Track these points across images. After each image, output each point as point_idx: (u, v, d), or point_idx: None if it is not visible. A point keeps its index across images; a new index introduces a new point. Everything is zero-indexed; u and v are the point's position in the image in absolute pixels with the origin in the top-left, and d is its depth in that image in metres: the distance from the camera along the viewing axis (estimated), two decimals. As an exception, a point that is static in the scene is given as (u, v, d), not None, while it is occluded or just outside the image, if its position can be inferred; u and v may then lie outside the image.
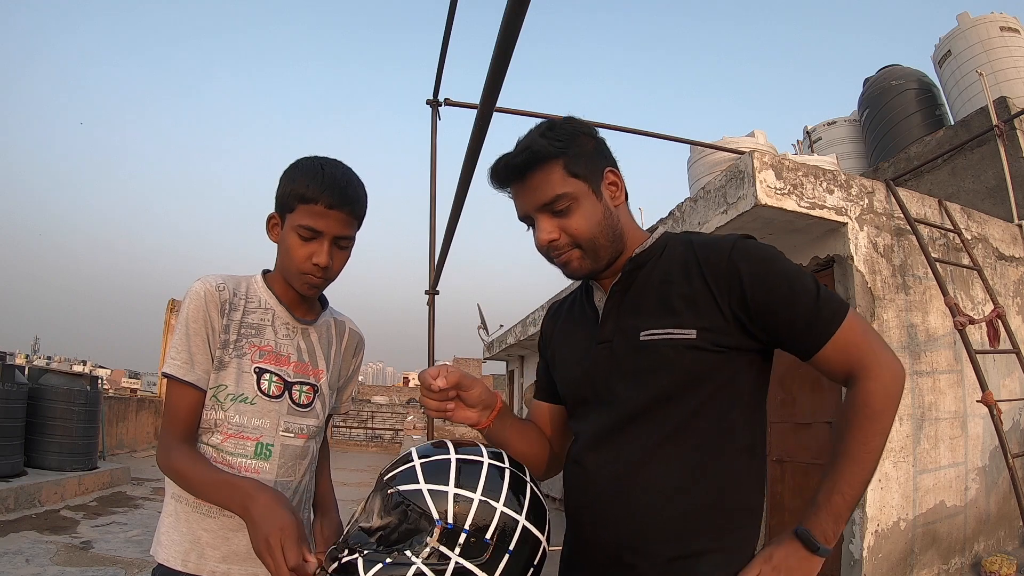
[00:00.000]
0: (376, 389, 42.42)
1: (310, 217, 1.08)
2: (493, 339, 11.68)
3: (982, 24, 6.00)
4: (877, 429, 0.86)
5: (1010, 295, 4.06)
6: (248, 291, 1.17)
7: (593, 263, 0.98)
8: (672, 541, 0.88)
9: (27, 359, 29.35)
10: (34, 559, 4.11)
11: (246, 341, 1.13)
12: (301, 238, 1.09)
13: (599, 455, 0.95)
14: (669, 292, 0.94)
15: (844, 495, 0.85)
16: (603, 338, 0.98)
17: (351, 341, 1.31)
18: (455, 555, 0.81)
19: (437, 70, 3.84)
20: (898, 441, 3.29)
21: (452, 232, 3.57)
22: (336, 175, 1.10)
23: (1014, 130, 4.84)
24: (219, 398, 1.10)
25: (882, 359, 0.88)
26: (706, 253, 0.94)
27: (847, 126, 7.63)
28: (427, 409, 0.98)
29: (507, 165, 0.98)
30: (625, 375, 0.94)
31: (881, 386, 0.87)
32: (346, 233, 1.12)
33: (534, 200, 0.96)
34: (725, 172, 3.56)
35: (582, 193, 0.96)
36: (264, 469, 1.10)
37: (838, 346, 0.88)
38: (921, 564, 3.28)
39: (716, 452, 0.91)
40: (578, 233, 0.95)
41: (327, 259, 1.09)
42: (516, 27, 1.53)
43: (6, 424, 5.67)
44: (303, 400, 1.16)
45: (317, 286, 1.14)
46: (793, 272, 0.91)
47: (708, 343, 0.90)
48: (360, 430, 20.08)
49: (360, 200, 1.13)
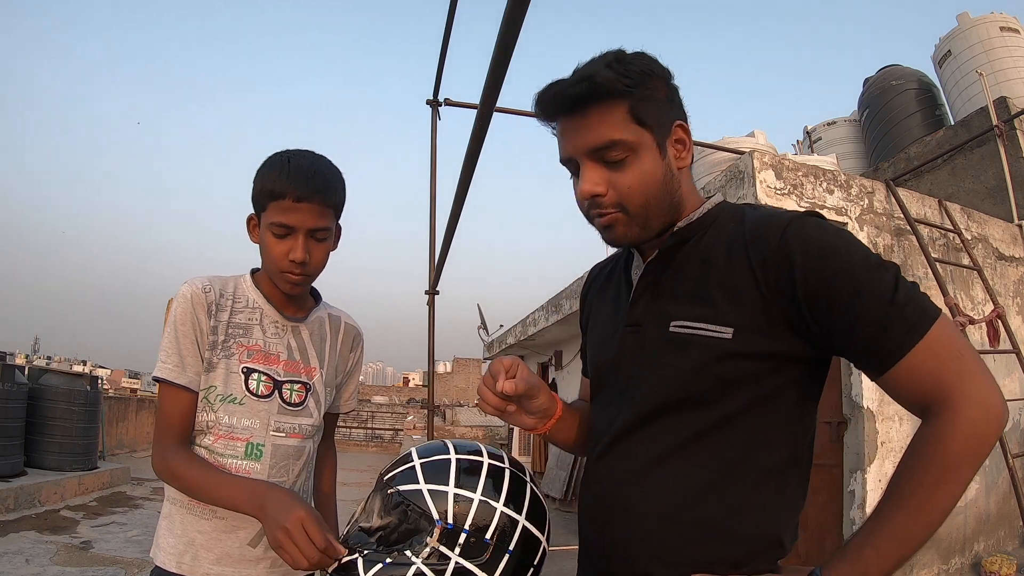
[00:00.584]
0: (376, 389, 42.41)
1: (280, 213, 1.04)
2: (493, 339, 11.68)
3: (982, 24, 6.00)
4: (950, 479, 0.65)
5: (1010, 295, 4.06)
6: (236, 291, 1.15)
7: (641, 231, 0.82)
8: (667, 562, 0.76)
9: (27, 359, 29.33)
10: (34, 559, 4.11)
11: (234, 341, 1.11)
12: (275, 236, 1.06)
13: (608, 454, 0.84)
14: (709, 277, 0.78)
15: (880, 551, 0.66)
16: (632, 321, 0.85)
17: (347, 336, 1.27)
18: (455, 555, 0.81)
19: (437, 70, 3.84)
20: (898, 441, 3.29)
21: (452, 232, 3.57)
22: (302, 166, 1.06)
23: (1014, 130, 4.84)
24: (209, 399, 1.09)
25: (973, 389, 0.66)
26: (757, 230, 0.76)
27: (847, 126, 7.63)
28: (483, 402, 0.87)
29: (559, 94, 0.80)
30: (648, 368, 0.81)
31: (967, 425, 0.65)
32: (320, 225, 1.07)
33: (585, 141, 0.79)
34: (725, 172, 3.56)
35: (644, 145, 0.79)
36: (255, 470, 1.09)
37: (916, 365, 0.68)
38: (921, 564, 3.28)
39: (738, 471, 0.76)
40: (630, 192, 0.79)
41: (303, 254, 1.06)
42: (516, 27, 1.53)
43: (6, 424, 5.67)
44: (294, 399, 1.14)
45: (299, 283, 1.11)
46: (864, 262, 0.71)
47: (747, 346, 0.74)
48: (360, 430, 20.09)
49: (331, 187, 1.08)
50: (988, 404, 0.66)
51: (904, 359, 0.68)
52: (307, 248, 1.07)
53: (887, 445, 3.23)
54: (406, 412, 22.08)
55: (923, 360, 0.68)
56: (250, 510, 0.97)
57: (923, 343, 0.68)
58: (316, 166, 1.07)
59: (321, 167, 1.08)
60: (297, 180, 1.04)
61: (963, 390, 0.66)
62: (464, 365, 39.52)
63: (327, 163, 1.11)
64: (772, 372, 0.76)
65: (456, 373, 39.63)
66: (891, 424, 3.27)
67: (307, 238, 1.07)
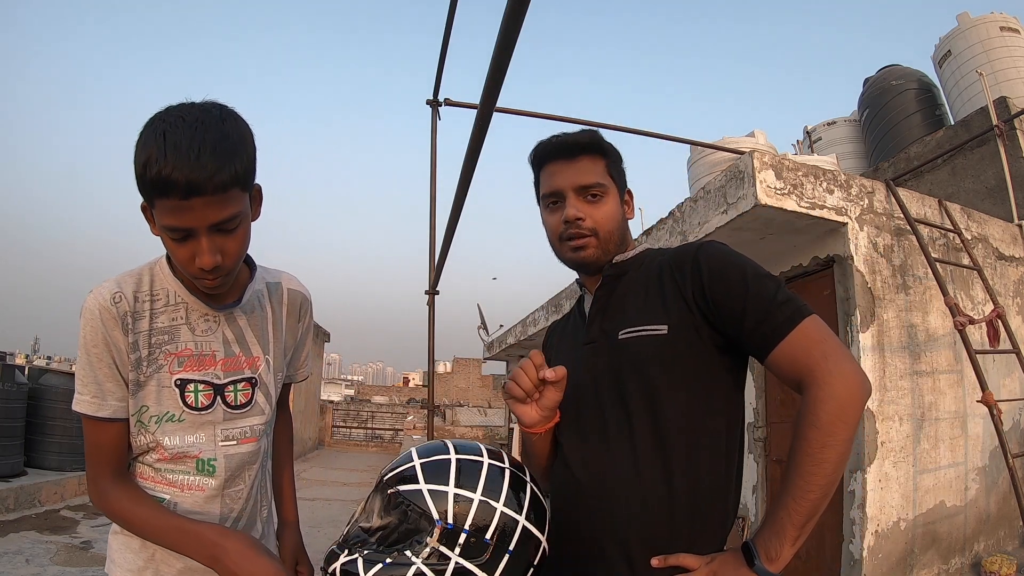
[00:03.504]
0: (376, 389, 42.39)
1: (170, 215, 0.84)
2: (493, 339, 11.68)
3: (982, 24, 6.01)
4: (826, 442, 0.80)
5: (1010, 295, 4.06)
6: (153, 286, 0.99)
7: (603, 254, 1.06)
8: (646, 538, 0.90)
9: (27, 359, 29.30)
10: (34, 559, 4.11)
11: (160, 351, 0.96)
12: (173, 240, 0.88)
13: (580, 451, 0.99)
14: (646, 295, 1.00)
15: (788, 510, 0.81)
16: (589, 339, 1.05)
17: (292, 303, 1.14)
18: (455, 555, 0.81)
19: (437, 70, 3.84)
20: (898, 441, 3.29)
21: (452, 232, 3.57)
22: (182, 145, 0.81)
23: (1014, 130, 4.84)
24: (143, 421, 0.96)
25: (837, 367, 0.82)
26: (678, 255, 1.00)
27: (847, 126, 7.63)
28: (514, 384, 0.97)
29: (566, 142, 1.07)
30: (605, 373, 0.99)
31: (830, 395, 0.80)
32: (224, 216, 0.86)
33: (577, 179, 1.04)
34: (725, 172, 3.55)
35: (612, 193, 1.07)
36: (210, 485, 1.00)
37: (790, 349, 0.85)
38: (921, 564, 3.28)
39: (691, 451, 0.92)
40: (603, 221, 1.04)
41: (211, 258, 0.88)
42: (516, 27, 1.53)
43: (6, 424, 5.67)
44: (240, 400, 1.02)
45: (218, 284, 0.94)
46: (754, 272, 0.92)
47: (680, 339, 0.93)
48: (360, 430, 20.08)
49: (226, 165, 0.84)
50: (851, 379, 0.82)
51: (781, 344, 0.86)
52: (215, 248, 0.88)
53: (887, 445, 3.24)
54: (406, 412, 22.07)
55: (796, 345, 0.85)
56: (202, 561, 0.89)
57: (796, 332, 0.86)
58: (202, 139, 0.82)
59: (209, 138, 0.83)
60: (180, 169, 0.80)
61: (827, 367, 0.82)
62: (464, 365, 39.52)
63: (215, 127, 0.85)
64: (702, 361, 0.94)
65: (456, 373, 39.62)
66: (891, 424, 3.27)
67: (212, 236, 0.88)
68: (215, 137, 0.84)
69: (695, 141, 5.71)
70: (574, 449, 1.01)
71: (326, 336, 14.42)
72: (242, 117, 0.91)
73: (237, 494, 1.04)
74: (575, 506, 0.98)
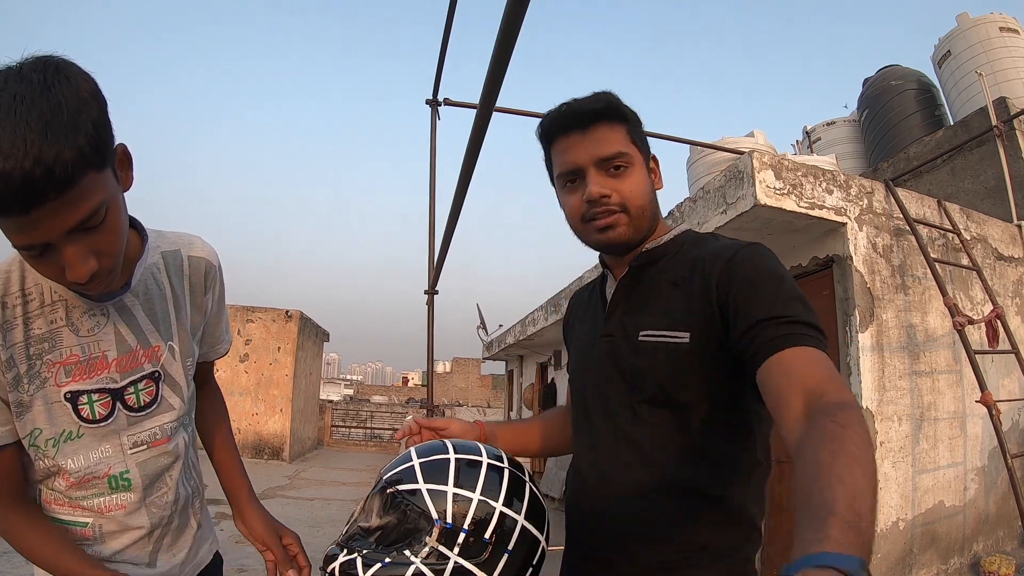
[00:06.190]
0: (375, 389, 42.39)
1: (15, 234, 0.68)
2: (492, 339, 11.68)
3: (982, 24, 6.01)
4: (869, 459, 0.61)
5: (1009, 295, 4.07)
6: (23, 284, 0.84)
7: (635, 232, 0.93)
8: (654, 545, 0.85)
9: (26, 358, 29.14)
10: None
11: (41, 363, 0.83)
12: (31, 258, 0.72)
13: (590, 452, 0.95)
14: (674, 293, 0.89)
15: (848, 491, 0.59)
16: (606, 332, 0.95)
17: (196, 272, 1.00)
18: (454, 555, 0.81)
19: (437, 70, 3.84)
20: (897, 441, 3.29)
21: (452, 232, 3.57)
22: (2, 145, 0.61)
23: (1013, 130, 4.85)
24: (38, 445, 0.85)
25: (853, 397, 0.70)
26: (715, 254, 0.88)
27: (847, 126, 7.64)
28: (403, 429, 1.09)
29: (577, 110, 0.92)
30: (621, 374, 0.91)
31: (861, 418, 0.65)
32: (81, 216, 0.69)
33: (595, 152, 0.90)
34: (724, 172, 3.56)
35: (638, 161, 0.93)
36: (129, 500, 0.91)
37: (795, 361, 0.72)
38: (920, 564, 3.28)
39: (708, 461, 0.85)
40: (631, 196, 0.91)
41: (83, 268, 0.72)
42: (516, 27, 1.53)
43: None
44: (143, 401, 0.91)
45: (103, 287, 0.80)
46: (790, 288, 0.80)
47: (703, 348, 0.84)
48: (359, 430, 20.08)
49: (63, 151, 0.63)
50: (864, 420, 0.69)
51: (794, 348, 0.73)
52: (84, 253, 0.72)
53: (887, 445, 3.24)
54: (405, 412, 22.07)
55: (812, 357, 0.72)
56: None
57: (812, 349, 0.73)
58: (26, 124, 0.62)
59: (35, 118, 0.62)
60: (7, 180, 0.61)
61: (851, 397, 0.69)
62: (463, 365, 39.54)
63: (41, 99, 0.64)
64: (726, 370, 0.84)
65: (455, 373, 39.64)
66: (891, 424, 3.27)
67: (76, 241, 0.71)
68: (43, 114, 0.63)
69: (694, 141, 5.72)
70: (584, 450, 0.98)
71: (325, 336, 14.43)
72: (74, 66, 0.69)
73: (162, 499, 0.96)
74: (580, 507, 0.97)
